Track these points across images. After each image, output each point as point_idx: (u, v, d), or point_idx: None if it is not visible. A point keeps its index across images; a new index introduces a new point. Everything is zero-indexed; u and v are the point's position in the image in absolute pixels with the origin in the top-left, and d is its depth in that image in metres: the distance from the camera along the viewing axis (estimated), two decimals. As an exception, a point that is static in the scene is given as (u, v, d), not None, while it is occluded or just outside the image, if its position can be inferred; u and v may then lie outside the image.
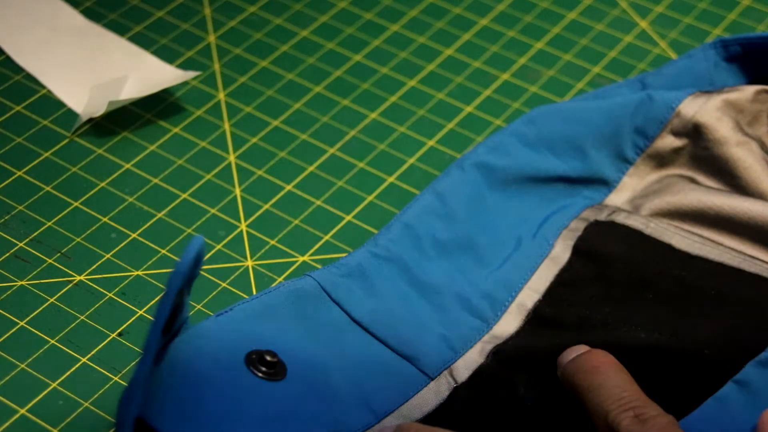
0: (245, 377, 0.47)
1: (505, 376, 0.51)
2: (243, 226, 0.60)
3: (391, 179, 0.62)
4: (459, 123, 0.65)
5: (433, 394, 0.51)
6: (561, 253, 0.56)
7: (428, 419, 0.50)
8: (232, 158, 0.63)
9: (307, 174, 0.63)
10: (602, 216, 0.58)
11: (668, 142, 0.59)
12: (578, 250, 0.57)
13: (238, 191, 0.62)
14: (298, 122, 0.65)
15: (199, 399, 0.45)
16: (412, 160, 0.63)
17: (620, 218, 0.58)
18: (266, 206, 0.61)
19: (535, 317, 0.54)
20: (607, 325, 0.53)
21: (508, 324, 0.54)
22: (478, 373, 0.51)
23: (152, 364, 0.43)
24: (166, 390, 0.45)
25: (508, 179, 0.58)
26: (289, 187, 0.62)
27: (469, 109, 0.66)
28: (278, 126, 0.65)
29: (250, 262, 0.58)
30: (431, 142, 0.64)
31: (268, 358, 0.48)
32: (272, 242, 0.59)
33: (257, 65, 0.68)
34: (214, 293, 0.57)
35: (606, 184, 0.59)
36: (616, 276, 0.55)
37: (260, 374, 0.48)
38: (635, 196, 0.59)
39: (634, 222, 0.57)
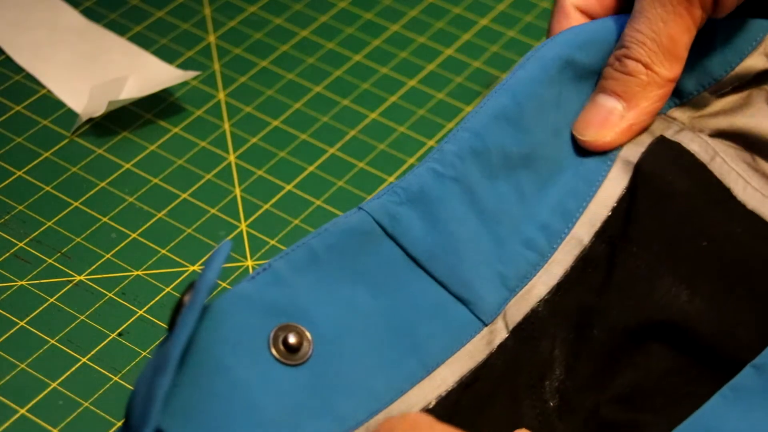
0: (264, 362, 0.45)
1: (547, 343, 0.49)
2: (243, 226, 0.60)
3: (390, 179, 0.62)
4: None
5: (486, 342, 0.48)
6: (620, 173, 0.52)
7: (479, 370, 0.48)
8: (232, 158, 0.63)
9: (307, 174, 0.63)
10: (669, 132, 0.53)
11: (759, 62, 0.54)
12: (639, 171, 0.52)
13: (238, 191, 0.62)
14: (298, 122, 0.65)
15: (208, 392, 0.44)
16: (412, 160, 0.63)
17: (686, 140, 0.53)
18: (266, 206, 0.61)
19: (587, 257, 0.51)
20: (653, 272, 0.50)
21: (564, 258, 0.50)
22: (527, 322, 0.49)
23: (177, 367, 0.42)
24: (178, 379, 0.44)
25: (591, 74, 0.53)
26: (289, 187, 0.62)
27: (468, 109, 0.66)
28: (278, 126, 0.65)
29: (250, 262, 0.58)
30: (431, 142, 0.64)
31: (292, 340, 0.45)
32: (272, 242, 0.59)
33: (257, 65, 0.68)
34: (214, 293, 0.57)
35: (679, 96, 0.54)
36: (671, 213, 0.51)
37: (280, 357, 0.45)
38: (705, 114, 0.54)
39: (699, 149, 0.53)
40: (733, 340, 0.49)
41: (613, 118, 0.52)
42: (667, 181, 0.52)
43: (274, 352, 0.45)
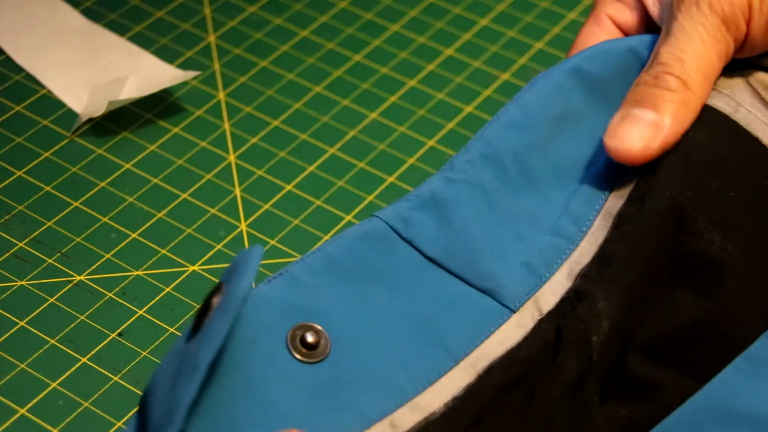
0: (282, 360, 0.45)
1: (589, 303, 0.48)
2: (243, 226, 0.60)
3: (391, 179, 0.62)
4: (459, 123, 0.65)
5: (516, 326, 0.48)
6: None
7: (511, 354, 0.47)
8: (232, 158, 0.63)
9: (307, 174, 0.63)
10: None
11: None
12: None
13: (238, 191, 0.62)
14: (298, 122, 0.65)
15: (226, 389, 0.44)
16: (412, 160, 0.63)
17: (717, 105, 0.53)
18: (266, 206, 0.61)
19: (620, 221, 0.50)
20: (684, 215, 0.49)
21: (595, 237, 0.50)
22: (566, 301, 0.48)
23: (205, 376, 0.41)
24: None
25: (604, 87, 0.53)
26: (289, 187, 0.62)
27: (469, 109, 0.66)
28: (278, 126, 0.65)
29: (250, 262, 0.58)
30: (431, 142, 0.64)
31: (310, 339, 0.45)
32: (272, 242, 0.59)
33: (257, 65, 0.68)
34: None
35: None
36: (697, 161, 0.51)
37: (298, 355, 0.45)
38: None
39: (723, 104, 0.52)
40: (763, 294, 0.48)
41: (651, 130, 0.51)
42: (689, 135, 0.51)
43: (292, 350, 0.45)
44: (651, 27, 0.55)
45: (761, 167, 0.51)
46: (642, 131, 0.51)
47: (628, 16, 0.55)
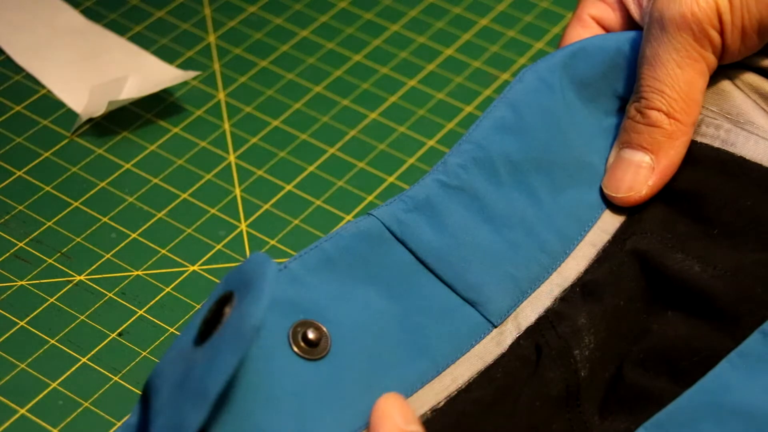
0: (284, 356, 0.45)
1: (569, 323, 0.49)
2: (243, 226, 0.60)
3: (391, 179, 0.62)
4: (459, 123, 0.65)
5: (495, 343, 0.48)
6: None
7: (488, 372, 0.48)
8: (232, 158, 0.63)
9: (307, 174, 0.63)
10: None
11: None
12: None
13: (238, 191, 0.62)
14: (298, 122, 0.65)
15: (231, 385, 0.44)
16: (412, 160, 0.63)
17: (699, 130, 0.53)
18: (266, 206, 0.61)
19: (603, 256, 0.51)
20: (661, 250, 0.50)
21: (577, 262, 0.51)
22: (543, 319, 0.49)
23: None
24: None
25: (591, 83, 0.53)
26: (289, 187, 0.62)
27: (468, 109, 0.66)
28: (278, 126, 0.65)
29: (250, 262, 0.58)
30: (431, 142, 0.64)
31: (311, 336, 0.46)
32: (272, 242, 0.59)
33: (257, 65, 0.68)
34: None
35: None
36: (677, 197, 0.52)
37: (300, 352, 0.46)
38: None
39: (709, 129, 0.52)
40: (750, 301, 0.49)
41: (643, 172, 0.52)
42: (676, 177, 0.52)
43: (294, 347, 0.45)
44: (635, 25, 0.55)
45: (744, 187, 0.51)
46: (633, 177, 0.52)
47: (611, 16, 0.55)
